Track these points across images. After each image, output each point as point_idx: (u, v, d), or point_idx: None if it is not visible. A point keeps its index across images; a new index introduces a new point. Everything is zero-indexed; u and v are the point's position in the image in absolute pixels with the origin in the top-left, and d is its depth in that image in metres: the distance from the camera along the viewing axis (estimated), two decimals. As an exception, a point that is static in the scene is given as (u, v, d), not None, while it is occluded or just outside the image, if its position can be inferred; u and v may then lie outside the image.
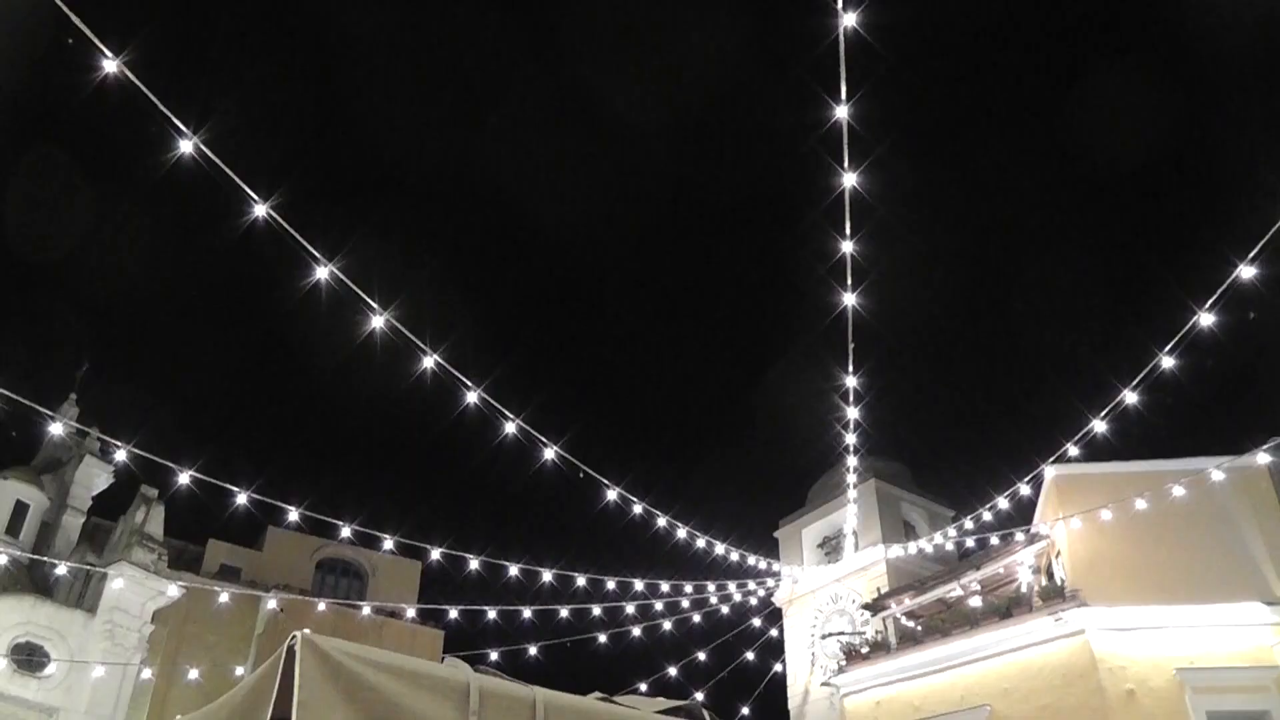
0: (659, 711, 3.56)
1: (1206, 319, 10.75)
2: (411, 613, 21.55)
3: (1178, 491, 16.76)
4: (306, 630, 2.47)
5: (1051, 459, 16.30)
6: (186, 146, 8.09)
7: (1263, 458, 16.32)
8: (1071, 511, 18.69)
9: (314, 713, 2.28)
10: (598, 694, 3.61)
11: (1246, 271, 9.99)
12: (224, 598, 19.74)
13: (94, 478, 25.64)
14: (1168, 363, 11.75)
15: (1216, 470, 16.67)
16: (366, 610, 22.47)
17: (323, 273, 9.71)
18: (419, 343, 10.92)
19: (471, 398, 11.77)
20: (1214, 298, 10.49)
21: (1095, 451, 15.53)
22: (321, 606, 21.22)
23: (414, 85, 63.14)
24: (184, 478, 12.44)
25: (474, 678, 2.60)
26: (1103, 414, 13.34)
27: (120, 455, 12.38)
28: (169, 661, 23.98)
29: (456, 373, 11.44)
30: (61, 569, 21.00)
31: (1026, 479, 17.12)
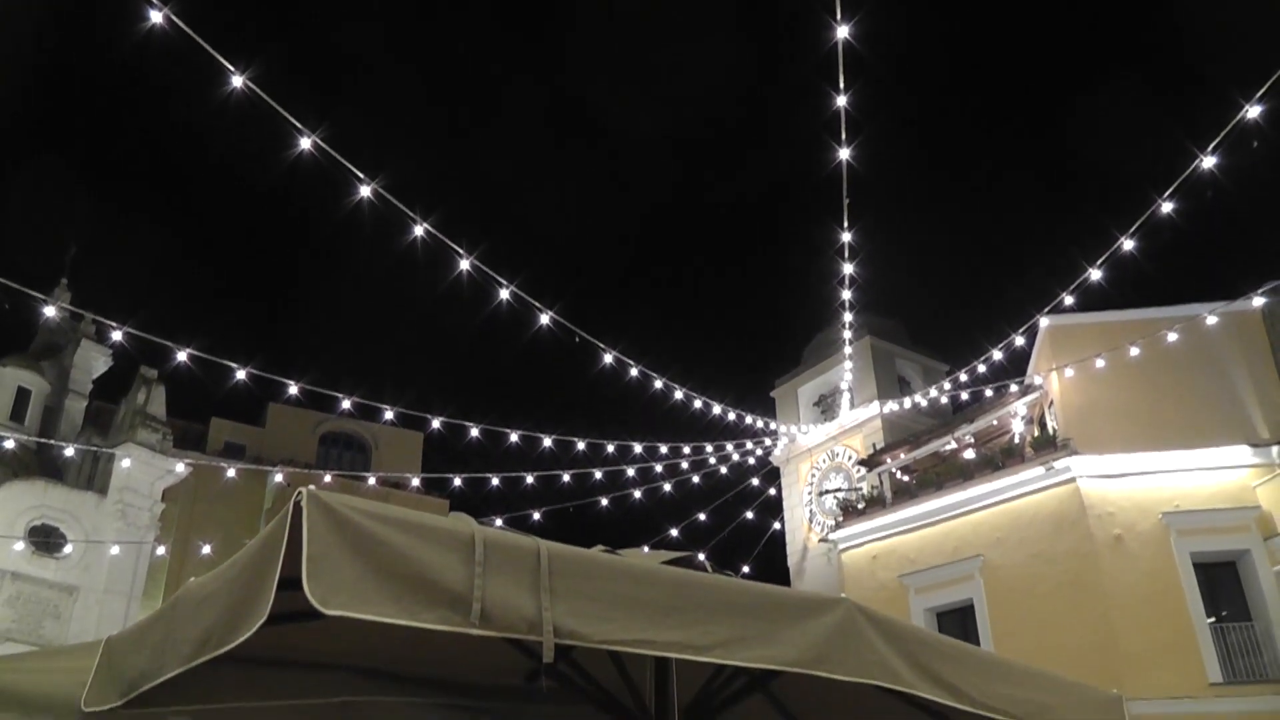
0: (664, 562, 3.62)
1: (1209, 161, 10.55)
2: (416, 482, 21.90)
3: (1171, 338, 16.86)
4: (311, 486, 2.46)
5: (1046, 309, 16.31)
6: (157, 18, 7.84)
7: (1257, 301, 16.33)
8: (1065, 361, 18.85)
9: (323, 566, 2.30)
10: (601, 547, 3.65)
11: (1252, 111, 9.76)
12: (231, 473, 20.02)
13: (92, 361, 25.68)
14: (1166, 208, 11.60)
15: (1211, 315, 16.72)
16: (371, 481, 22.85)
17: (305, 143, 9.51)
18: (409, 212, 10.75)
19: (464, 265, 11.66)
20: (1217, 140, 10.28)
21: (1090, 301, 15.54)
22: (327, 479, 21.56)
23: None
24: (182, 356, 12.43)
25: (478, 529, 2.62)
26: (1098, 262, 13.28)
27: (116, 336, 12.33)
28: (181, 538, 24.51)
29: (448, 241, 11.30)
30: (69, 451, 21.23)
31: (1021, 330, 17.19)
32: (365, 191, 10.20)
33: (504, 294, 12.58)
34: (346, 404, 14.43)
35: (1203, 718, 15.32)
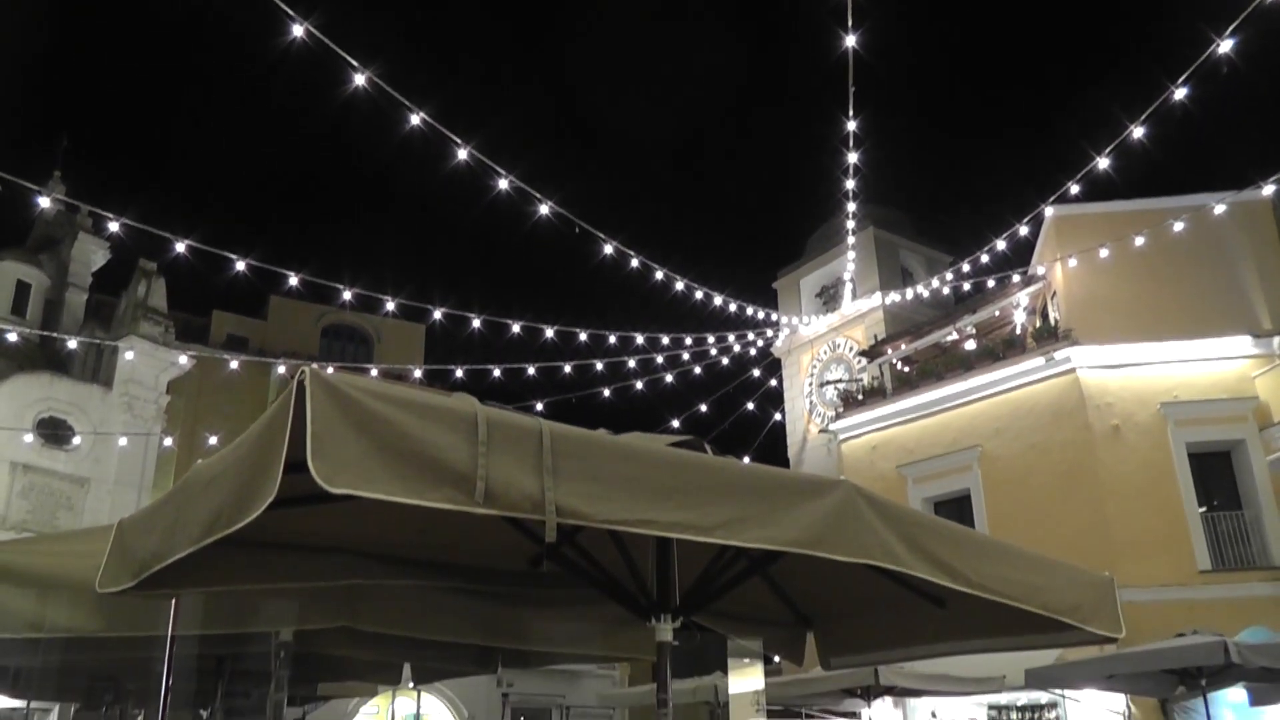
0: (668, 444, 3.64)
1: (1226, 45, 10.26)
2: (418, 374, 21.99)
3: (1177, 228, 16.68)
4: (314, 365, 2.45)
5: (1052, 199, 16.12)
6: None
7: (1267, 190, 16.11)
8: (1070, 252, 18.72)
9: (327, 445, 2.31)
10: (603, 430, 3.67)
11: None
12: (234, 365, 20.06)
13: (91, 254, 25.53)
14: (1179, 94, 11.33)
15: (1219, 205, 16.52)
16: (373, 373, 22.95)
17: (299, 30, 9.26)
18: (404, 100, 10.54)
19: (462, 154, 11.47)
20: (1235, 22, 9.97)
21: (1097, 191, 15.34)
22: (330, 370, 21.62)
23: None
24: (180, 247, 12.34)
25: (480, 409, 2.63)
26: (1106, 150, 13.03)
27: (114, 227, 12.22)
28: (188, 430, 24.75)
29: (445, 131, 11.11)
30: (72, 344, 21.26)
31: (1026, 219, 17.01)
32: (360, 80, 9.98)
33: (502, 184, 12.43)
34: (347, 295, 14.38)
35: (1191, 604, 15.69)
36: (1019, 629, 4.76)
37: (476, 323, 15.70)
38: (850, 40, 11.78)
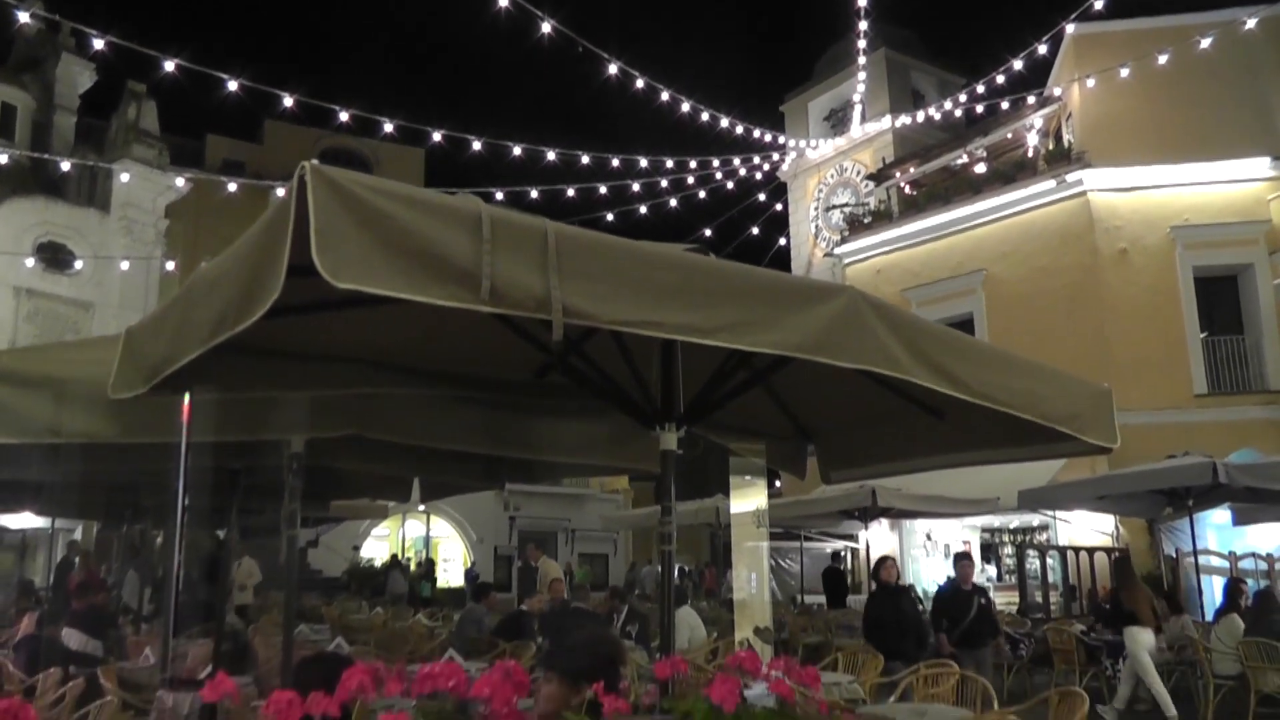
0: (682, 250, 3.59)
1: None
2: (418, 198, 21.66)
3: (1204, 44, 16.03)
4: (314, 160, 2.39)
5: (1074, 15, 15.47)
6: None
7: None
8: (1088, 71, 18.12)
9: (331, 240, 2.28)
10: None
11: None
12: (232, 188, 19.80)
13: (76, 75, 24.81)
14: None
15: (1251, 18, 15.83)
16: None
17: None
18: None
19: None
20: None
21: (1121, 7, 14.70)
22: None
23: None
24: (169, 66, 11.96)
25: (485, 207, 2.58)
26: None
27: (98, 44, 11.81)
28: (189, 254, 24.67)
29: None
30: (65, 166, 20.94)
31: (1045, 38, 16.38)
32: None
33: (502, 0, 11.93)
34: (344, 116, 14.03)
35: (1185, 428, 15.99)
36: (1016, 440, 4.84)
37: (477, 145, 15.38)
38: None
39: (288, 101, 13.39)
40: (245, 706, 4.90)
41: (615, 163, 18.01)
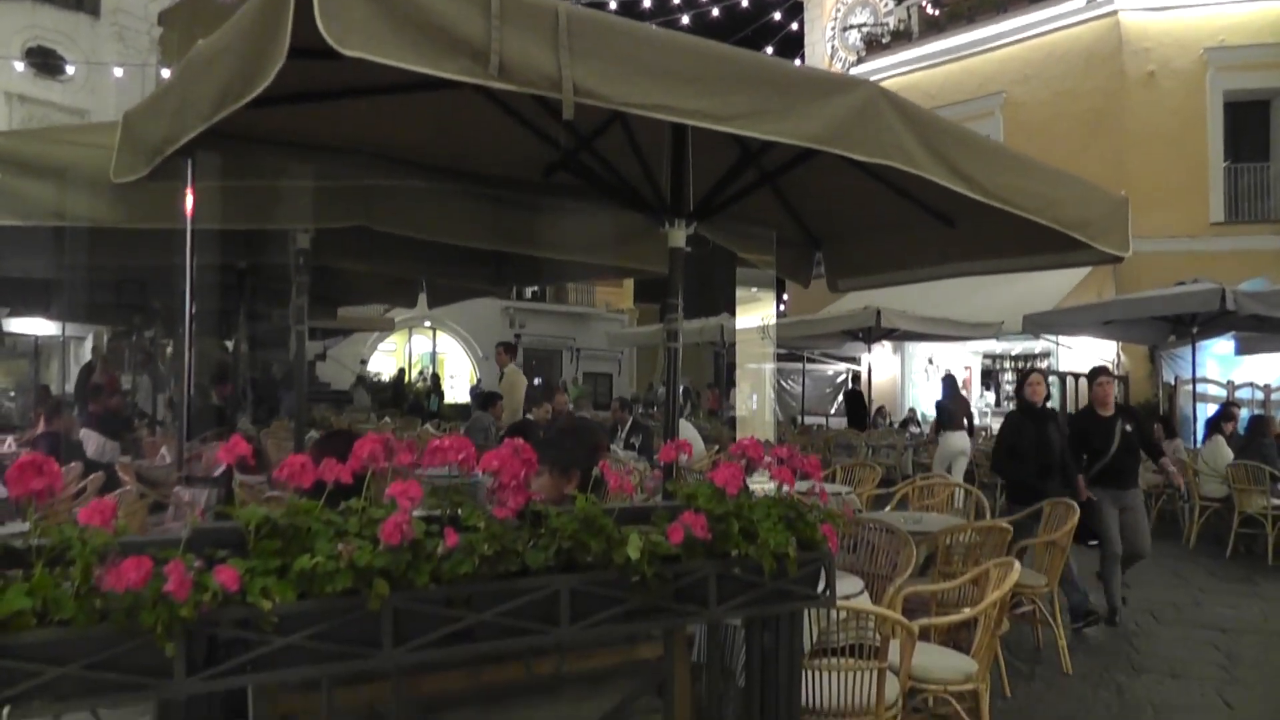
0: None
1: None
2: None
3: None
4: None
5: None
6: None
7: None
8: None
9: (334, 5, 2.19)
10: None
11: None
12: (227, -8, 19.00)
13: None
14: None
15: None
16: None
17: None
18: None
19: None
20: None
21: None
22: None
23: None
24: None
25: (493, -19, 2.46)
26: None
27: None
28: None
29: None
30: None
31: None
32: None
33: None
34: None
35: (1197, 255, 15.87)
36: (1028, 248, 4.81)
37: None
38: None
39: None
40: (259, 498, 5.09)
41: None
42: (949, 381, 13.22)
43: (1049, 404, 6.38)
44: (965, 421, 12.37)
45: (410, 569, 2.06)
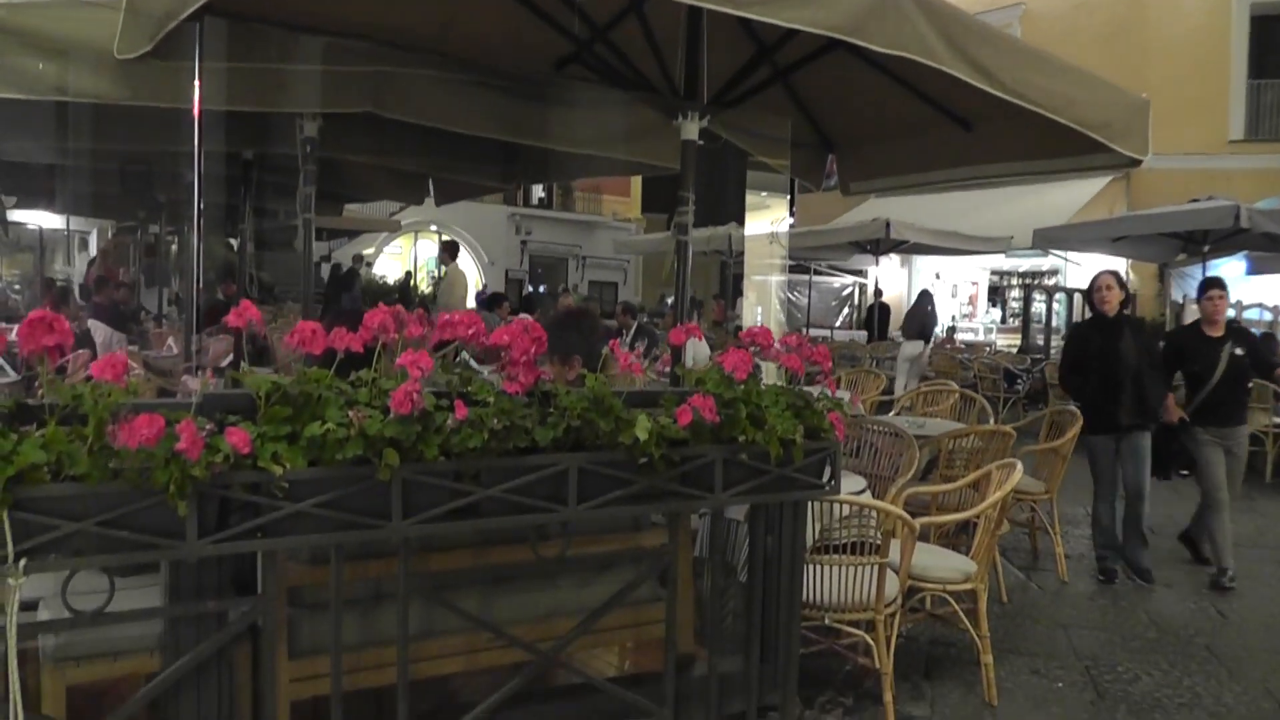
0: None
1: None
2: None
3: None
4: None
5: None
6: None
7: None
8: None
9: None
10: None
11: None
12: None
13: None
14: None
15: None
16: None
17: None
18: None
19: None
20: None
21: None
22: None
23: None
24: None
25: None
26: None
27: None
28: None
29: None
30: None
31: None
32: None
33: None
34: None
35: (1213, 173, 15.62)
36: (1045, 151, 4.74)
37: None
38: None
39: None
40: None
41: None
42: (922, 295, 14.22)
43: (1126, 312, 5.50)
44: (922, 331, 13.46)
45: (420, 440, 2.07)
